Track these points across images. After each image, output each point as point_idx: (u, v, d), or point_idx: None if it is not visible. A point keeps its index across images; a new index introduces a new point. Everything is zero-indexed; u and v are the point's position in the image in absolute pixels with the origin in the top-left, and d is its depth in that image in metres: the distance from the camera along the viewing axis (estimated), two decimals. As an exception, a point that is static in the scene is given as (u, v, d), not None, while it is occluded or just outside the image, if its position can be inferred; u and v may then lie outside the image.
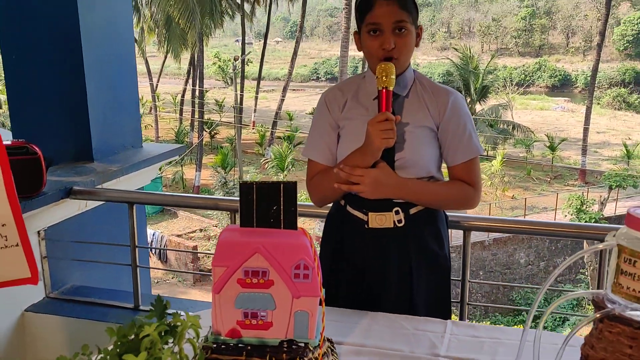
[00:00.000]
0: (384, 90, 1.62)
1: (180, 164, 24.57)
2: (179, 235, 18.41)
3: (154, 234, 16.19)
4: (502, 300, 16.13)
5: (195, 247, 16.89)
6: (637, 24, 54.84)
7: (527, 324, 1.06)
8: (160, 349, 0.96)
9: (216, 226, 18.86)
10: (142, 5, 26.18)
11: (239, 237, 1.25)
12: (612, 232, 0.97)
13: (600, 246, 1.00)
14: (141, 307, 2.56)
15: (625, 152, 25.43)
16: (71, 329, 2.46)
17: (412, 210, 1.73)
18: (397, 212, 1.71)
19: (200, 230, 19.19)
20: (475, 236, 16.98)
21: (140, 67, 26.80)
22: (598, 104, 39.42)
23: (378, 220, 1.71)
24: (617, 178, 20.56)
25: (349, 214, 1.77)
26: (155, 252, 16.41)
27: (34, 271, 1.15)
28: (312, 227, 18.62)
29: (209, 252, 17.66)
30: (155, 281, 15.79)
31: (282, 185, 1.27)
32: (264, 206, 1.27)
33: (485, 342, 1.45)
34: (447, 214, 1.89)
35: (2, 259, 1.09)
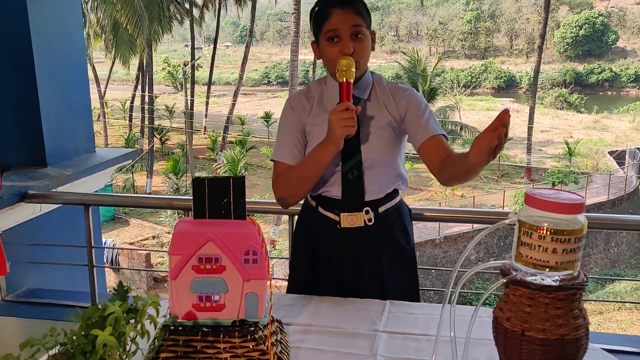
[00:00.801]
0: (344, 82, 1.69)
1: (130, 171, 24.21)
2: (131, 243, 18.17)
3: (105, 243, 15.94)
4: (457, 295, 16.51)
5: (148, 255, 16.73)
6: (575, 26, 57.05)
7: (444, 300, 1.20)
8: (123, 325, 1.08)
9: (169, 232, 18.69)
10: (87, 10, 25.71)
11: (193, 227, 1.37)
12: (515, 210, 1.14)
13: (506, 222, 1.17)
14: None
15: (567, 149, 26.44)
16: (29, 329, 2.50)
17: (381, 209, 1.82)
18: (367, 212, 1.80)
19: (153, 237, 18.98)
20: (426, 235, 17.41)
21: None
22: (541, 104, 40.81)
23: (349, 221, 1.80)
24: (560, 175, 21.41)
25: (321, 215, 1.85)
26: (107, 261, 16.16)
27: (2, 263, 1.24)
28: (267, 232, 18.69)
29: (159, 249, 17.50)
30: (108, 290, 15.56)
31: (231, 179, 1.40)
32: (215, 199, 1.39)
33: (420, 318, 1.61)
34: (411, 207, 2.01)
35: (-28, 253, 1.18)
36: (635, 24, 59.51)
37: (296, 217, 2.43)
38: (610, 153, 27.69)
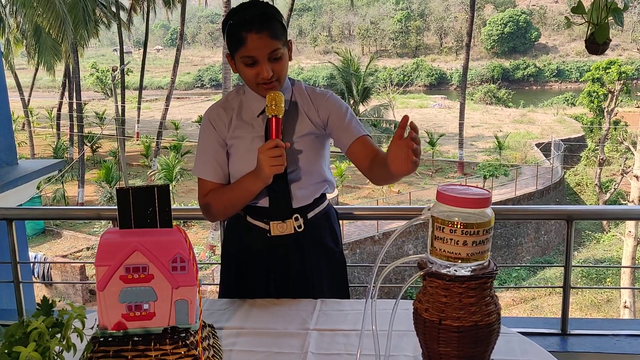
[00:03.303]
0: (273, 119, 1.65)
1: (60, 181, 23.37)
2: (64, 256, 17.55)
3: (35, 257, 15.31)
4: (395, 290, 16.82)
5: (82, 267, 16.20)
6: (500, 24, 59.20)
7: (367, 296, 1.25)
8: (47, 340, 1.07)
9: (104, 243, 18.11)
10: (5, 15, 24.63)
11: (119, 237, 1.37)
12: (428, 207, 1.21)
13: (422, 218, 1.23)
14: (27, 324, 2.54)
15: (497, 143, 27.38)
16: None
17: (310, 215, 1.82)
18: (296, 219, 1.79)
19: (88, 248, 18.40)
20: (365, 232, 17.66)
21: (9, 80, 25.20)
22: (471, 99, 42.09)
23: (279, 229, 1.79)
24: (490, 168, 22.13)
25: (250, 224, 1.83)
26: (38, 276, 15.54)
27: None
28: (206, 237, 18.48)
29: (89, 262, 16.97)
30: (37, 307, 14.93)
31: (156, 188, 1.40)
32: (140, 208, 1.40)
33: (349, 314, 1.66)
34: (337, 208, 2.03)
35: None
36: (555, 22, 62.36)
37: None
38: (537, 145, 28.87)
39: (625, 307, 13.37)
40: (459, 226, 1.14)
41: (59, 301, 15.84)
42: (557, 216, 2.40)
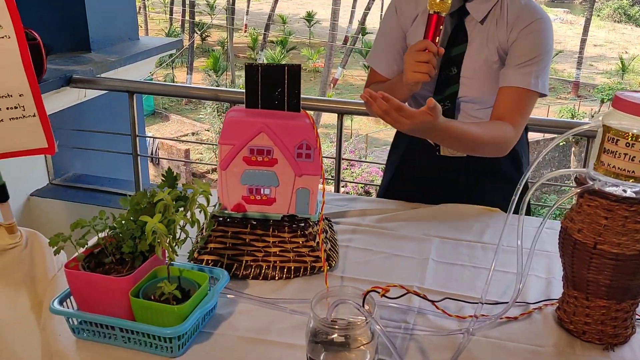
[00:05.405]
0: (434, 15, 1.37)
1: (170, 66, 24.15)
2: (170, 139, 18.44)
3: (145, 136, 16.14)
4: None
5: (187, 151, 17.00)
6: None
7: (509, 211, 1.12)
8: (173, 213, 1.04)
9: (208, 130, 18.86)
10: None
11: (245, 117, 1.30)
12: (599, 115, 1.03)
13: (586, 127, 1.07)
14: (142, 195, 2.64)
15: (620, 65, 25.21)
16: (74, 212, 2.56)
17: None
18: None
19: (193, 133, 19.22)
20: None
21: (128, -38, 25.62)
22: (598, 15, 38.49)
23: (450, 150, 1.62)
24: (610, 92, 20.53)
25: (420, 139, 1.58)
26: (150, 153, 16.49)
27: (50, 142, 1.20)
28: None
29: (200, 142, 17.70)
30: (149, 181, 15.95)
31: (286, 67, 1.31)
32: (268, 88, 1.31)
33: (475, 225, 1.54)
34: None
35: (19, 129, 1.14)
36: None
37: (344, 115, 2.37)
38: (667, 71, 26.30)
39: None
40: (638, 140, 0.96)
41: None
42: None
